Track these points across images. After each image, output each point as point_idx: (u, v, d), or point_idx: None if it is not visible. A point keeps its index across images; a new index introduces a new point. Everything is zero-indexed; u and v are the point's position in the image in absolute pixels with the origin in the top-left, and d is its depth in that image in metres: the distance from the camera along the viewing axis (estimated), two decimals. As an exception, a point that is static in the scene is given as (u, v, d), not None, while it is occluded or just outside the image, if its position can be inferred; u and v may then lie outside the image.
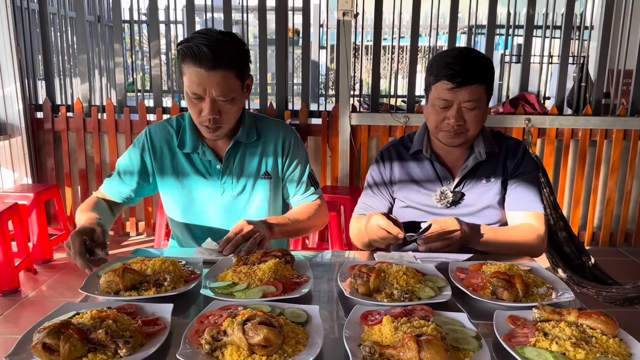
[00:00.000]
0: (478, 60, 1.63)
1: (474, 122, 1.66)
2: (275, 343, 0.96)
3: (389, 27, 4.49)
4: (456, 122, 1.63)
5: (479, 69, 1.61)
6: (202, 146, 1.74)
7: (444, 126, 1.67)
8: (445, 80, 1.60)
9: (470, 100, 1.61)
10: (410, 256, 1.55)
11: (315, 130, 4.25)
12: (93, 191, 4.44)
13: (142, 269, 1.33)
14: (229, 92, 1.57)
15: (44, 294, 3.29)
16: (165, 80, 5.12)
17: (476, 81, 1.60)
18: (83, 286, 1.28)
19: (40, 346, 0.94)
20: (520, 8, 4.61)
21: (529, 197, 1.74)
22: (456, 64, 1.59)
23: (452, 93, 1.61)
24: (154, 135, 1.79)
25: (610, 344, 1.02)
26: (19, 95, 4.13)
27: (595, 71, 4.26)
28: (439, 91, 1.63)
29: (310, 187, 1.88)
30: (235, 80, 1.58)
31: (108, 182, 1.83)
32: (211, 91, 1.55)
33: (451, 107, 1.63)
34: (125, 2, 4.49)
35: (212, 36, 1.53)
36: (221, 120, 1.62)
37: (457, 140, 1.70)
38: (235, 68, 1.57)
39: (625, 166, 4.22)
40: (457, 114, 1.63)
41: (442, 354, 0.93)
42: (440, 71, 1.61)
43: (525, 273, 1.35)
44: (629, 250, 4.27)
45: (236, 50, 1.56)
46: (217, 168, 1.76)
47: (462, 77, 1.58)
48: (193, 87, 1.55)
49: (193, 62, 1.52)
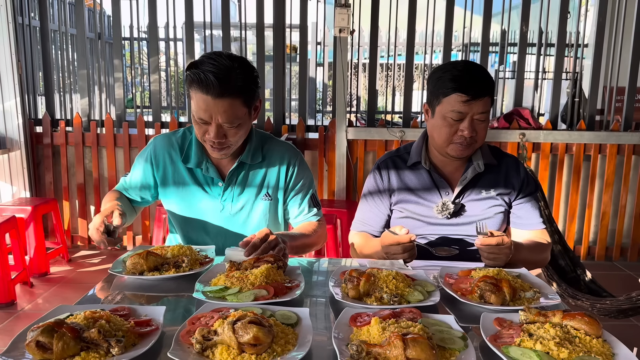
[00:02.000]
0: (484, 73, 1.68)
1: (483, 133, 1.70)
2: (264, 342, 0.98)
3: (385, 44, 4.56)
4: (470, 134, 1.66)
5: (488, 81, 1.67)
6: (206, 162, 1.75)
7: (456, 138, 1.69)
8: (460, 92, 1.62)
9: (483, 112, 1.66)
10: (401, 263, 1.57)
11: (312, 144, 4.29)
12: (91, 205, 4.49)
13: (163, 253, 1.52)
14: (235, 119, 1.58)
15: (39, 307, 3.29)
16: (165, 96, 5.17)
17: (487, 93, 1.65)
18: (112, 267, 1.47)
19: (34, 344, 0.96)
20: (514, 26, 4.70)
21: (535, 216, 1.83)
22: (468, 77, 1.63)
23: (467, 105, 1.63)
24: (158, 147, 1.81)
25: (594, 344, 1.04)
26: (18, 110, 4.18)
27: (589, 88, 4.32)
28: (452, 104, 1.64)
29: (312, 209, 1.88)
30: (241, 108, 1.58)
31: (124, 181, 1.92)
32: (217, 117, 1.56)
33: (464, 120, 1.66)
34: (125, 19, 4.57)
35: (221, 62, 1.52)
36: (227, 143, 1.63)
37: (468, 151, 1.73)
38: (242, 96, 1.56)
39: (619, 180, 4.25)
40: (470, 126, 1.66)
41: (428, 351, 0.94)
42: (453, 84, 1.63)
43: (513, 278, 1.37)
44: (624, 265, 4.28)
45: (244, 78, 1.55)
46: (219, 185, 1.78)
47: (475, 89, 1.62)
48: (199, 112, 1.56)
49: (200, 89, 1.52)
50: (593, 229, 4.37)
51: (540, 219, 1.84)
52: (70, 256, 4.23)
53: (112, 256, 4.31)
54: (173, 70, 4.87)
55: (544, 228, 1.84)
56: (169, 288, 1.41)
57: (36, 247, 3.75)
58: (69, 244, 4.47)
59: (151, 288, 1.41)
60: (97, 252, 4.42)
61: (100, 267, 4.04)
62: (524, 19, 4.26)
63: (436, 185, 1.81)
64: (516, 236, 1.84)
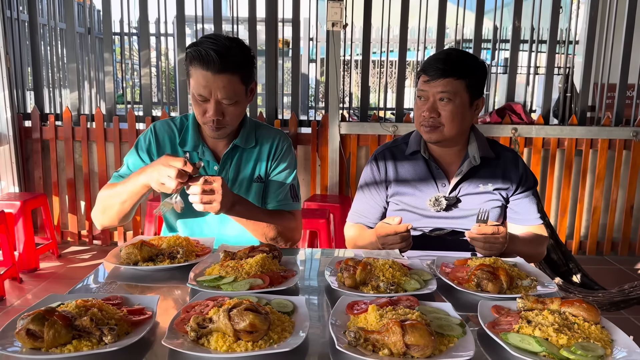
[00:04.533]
0: (459, 57, 1.69)
1: (448, 117, 1.68)
2: (261, 329, 0.97)
3: (377, 41, 4.55)
4: (429, 115, 1.68)
5: (457, 64, 1.66)
6: (202, 146, 1.78)
7: (422, 120, 1.72)
8: (423, 73, 1.69)
9: (444, 92, 1.66)
10: (397, 253, 1.56)
11: (305, 139, 4.28)
12: (81, 201, 4.44)
13: (159, 243, 1.51)
14: (233, 96, 1.62)
15: (29, 302, 3.24)
16: (155, 91, 5.12)
17: (451, 75, 1.65)
18: (106, 258, 1.46)
19: (24, 332, 0.94)
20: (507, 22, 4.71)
21: (532, 212, 1.83)
22: (435, 59, 1.68)
23: (428, 85, 1.68)
24: (158, 131, 1.82)
25: (592, 330, 1.03)
26: (7, 104, 4.12)
27: (580, 84, 4.34)
28: (419, 84, 1.72)
29: (289, 198, 1.84)
30: (240, 85, 1.63)
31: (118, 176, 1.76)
32: (216, 94, 1.59)
33: (428, 100, 1.69)
34: (116, 14, 4.52)
35: (220, 41, 1.58)
36: (224, 122, 1.66)
37: (434, 135, 1.72)
38: (241, 72, 1.61)
39: (610, 175, 4.28)
40: (431, 107, 1.68)
41: (426, 337, 0.93)
42: (422, 66, 1.71)
43: (510, 267, 1.37)
44: (615, 259, 4.31)
45: (242, 56, 1.61)
46: (215, 169, 1.79)
47: (436, 69, 1.65)
48: (199, 89, 1.59)
49: (200, 65, 1.57)
50: (584, 223, 4.39)
51: (537, 215, 1.83)
52: (60, 252, 4.18)
53: (103, 252, 4.27)
54: (164, 65, 4.83)
55: (541, 223, 1.83)
56: (163, 278, 1.39)
57: (25, 242, 3.70)
58: (59, 240, 4.41)
59: (145, 278, 1.39)
60: (87, 248, 4.38)
61: (90, 263, 4.00)
62: (517, 15, 4.26)
63: (433, 176, 1.81)
64: (513, 231, 1.82)
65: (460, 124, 1.71)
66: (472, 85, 1.69)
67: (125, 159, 1.83)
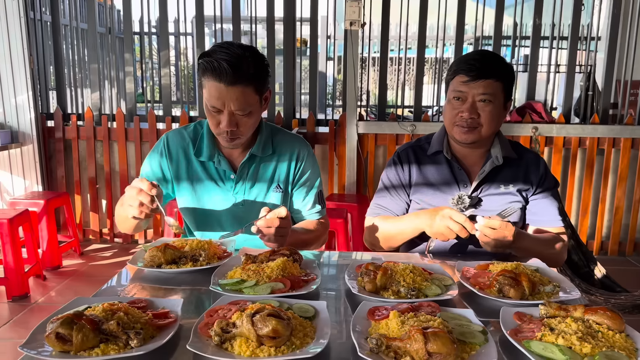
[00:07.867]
0: (496, 58, 1.69)
1: (488, 118, 1.68)
2: (283, 334, 0.98)
3: (395, 38, 4.53)
4: (469, 115, 1.67)
5: (496, 65, 1.66)
6: (218, 155, 1.77)
7: (458, 120, 1.70)
8: (462, 73, 1.67)
9: (485, 94, 1.65)
10: (417, 257, 1.56)
11: (323, 138, 4.28)
12: (103, 199, 4.51)
13: (182, 246, 1.52)
14: (247, 106, 1.60)
15: (52, 299, 3.32)
16: (175, 91, 5.17)
17: (491, 76, 1.64)
18: (131, 260, 1.48)
19: (53, 336, 0.96)
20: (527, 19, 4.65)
21: (551, 213, 1.79)
22: (473, 59, 1.66)
23: (467, 85, 1.66)
24: (171, 141, 1.82)
25: (617, 339, 1.02)
26: (30, 104, 4.20)
27: (602, 82, 4.27)
28: (455, 85, 1.69)
29: (316, 205, 1.87)
30: (253, 95, 1.60)
31: None
32: (230, 105, 1.57)
33: (466, 101, 1.68)
34: (136, 14, 4.58)
35: (233, 51, 1.54)
36: (239, 132, 1.65)
37: (471, 136, 1.71)
38: (255, 83, 1.59)
39: (633, 175, 4.20)
40: (471, 107, 1.67)
41: (449, 345, 0.93)
42: (459, 66, 1.68)
43: (532, 272, 1.36)
44: (638, 260, 4.24)
45: (256, 66, 1.58)
46: (231, 178, 1.79)
47: (477, 70, 1.64)
48: (212, 100, 1.58)
49: (213, 77, 1.54)
50: (606, 223, 4.33)
51: (557, 217, 1.79)
52: (82, 249, 4.26)
53: (124, 249, 4.33)
54: (183, 64, 4.87)
55: (562, 226, 1.79)
56: (186, 281, 1.41)
57: (49, 240, 3.78)
58: (81, 238, 4.50)
59: (168, 281, 1.41)
60: (108, 246, 4.45)
61: (112, 261, 4.07)
62: (537, 12, 4.21)
63: (455, 177, 1.80)
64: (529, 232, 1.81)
65: (497, 125, 1.73)
66: (508, 87, 1.70)
67: (141, 170, 1.85)
